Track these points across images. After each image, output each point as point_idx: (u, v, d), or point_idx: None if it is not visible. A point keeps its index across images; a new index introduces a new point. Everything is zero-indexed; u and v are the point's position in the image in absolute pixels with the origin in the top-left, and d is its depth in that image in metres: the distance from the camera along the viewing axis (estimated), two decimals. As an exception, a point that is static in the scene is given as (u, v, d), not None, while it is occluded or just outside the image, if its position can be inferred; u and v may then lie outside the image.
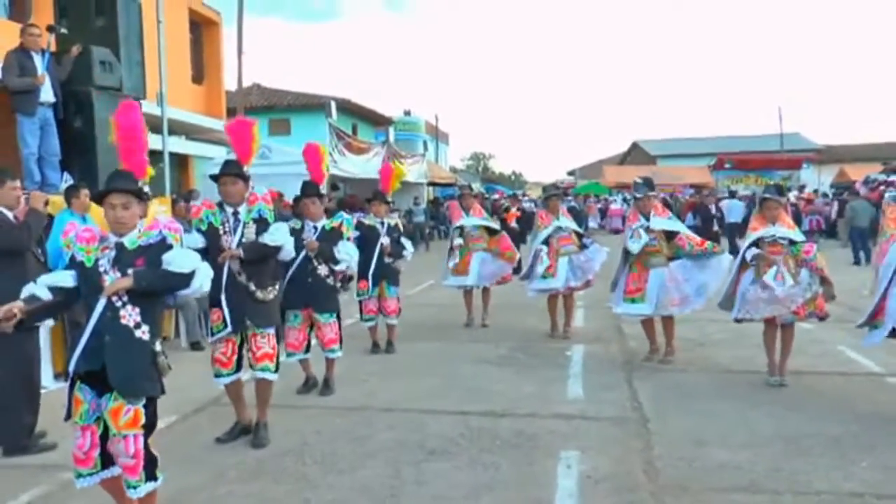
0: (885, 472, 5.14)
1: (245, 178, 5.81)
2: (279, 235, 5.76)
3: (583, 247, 9.91)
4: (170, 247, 4.04)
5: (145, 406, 3.93)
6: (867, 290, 6.91)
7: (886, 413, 6.54)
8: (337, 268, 7.12)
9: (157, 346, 3.98)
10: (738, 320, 7.50)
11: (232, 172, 5.77)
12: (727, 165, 40.18)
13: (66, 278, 3.99)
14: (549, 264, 9.74)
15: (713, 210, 20.39)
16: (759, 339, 7.64)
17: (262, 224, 5.77)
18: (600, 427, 6.21)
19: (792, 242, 7.30)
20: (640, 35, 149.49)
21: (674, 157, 48.82)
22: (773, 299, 7.18)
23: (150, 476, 3.96)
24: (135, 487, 3.93)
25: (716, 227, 18.74)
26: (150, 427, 3.98)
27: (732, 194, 26.95)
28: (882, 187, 24.69)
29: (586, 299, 10.46)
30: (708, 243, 8.57)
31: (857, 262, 18.76)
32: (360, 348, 9.15)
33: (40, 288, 3.96)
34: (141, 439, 3.91)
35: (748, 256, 7.36)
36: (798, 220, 17.43)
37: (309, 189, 7.24)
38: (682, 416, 6.45)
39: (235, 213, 5.77)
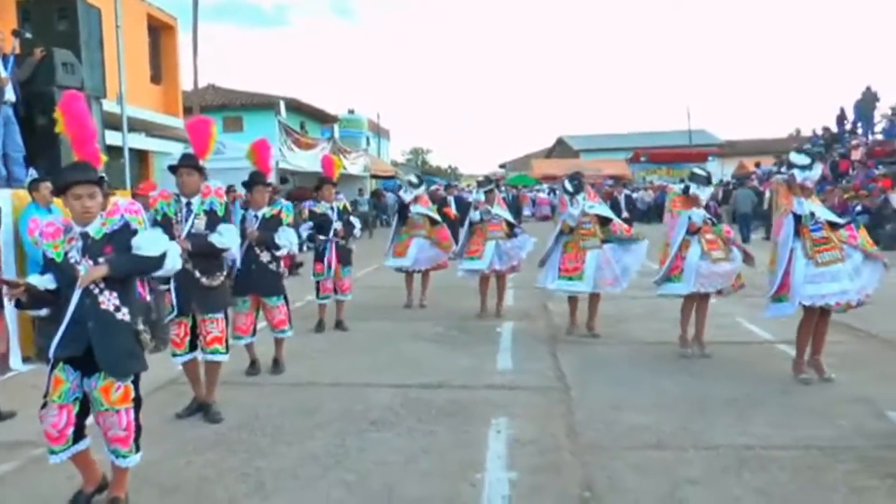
0: (774, 427, 5.35)
1: (201, 171, 5.72)
2: (227, 238, 5.69)
3: (512, 235, 9.95)
4: (135, 231, 3.99)
5: (133, 381, 3.95)
6: (763, 267, 7.08)
7: (777, 376, 6.77)
8: (278, 253, 7.03)
9: (139, 325, 3.95)
10: (690, 294, 7.50)
11: (189, 164, 5.68)
12: (642, 159, 41.00)
13: (48, 281, 3.90)
14: (476, 248, 9.82)
15: (622, 199, 20.76)
16: (671, 314, 7.80)
17: (212, 216, 5.68)
18: (527, 395, 6.29)
19: (714, 223, 7.57)
20: (564, 38, 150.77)
21: (595, 152, 49.31)
22: (722, 273, 7.36)
23: (138, 448, 4.01)
24: (125, 457, 3.96)
25: (625, 214, 19.04)
26: (138, 401, 4.00)
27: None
28: (778, 177, 25.25)
29: (515, 281, 10.55)
30: (633, 230, 8.83)
31: (745, 240, 19.24)
32: (310, 328, 9.12)
33: (41, 280, 3.89)
34: (132, 412, 3.94)
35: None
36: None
37: (257, 177, 7.14)
38: (601, 384, 6.57)
39: (189, 204, 5.68)
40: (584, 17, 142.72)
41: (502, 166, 66.52)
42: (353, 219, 9.40)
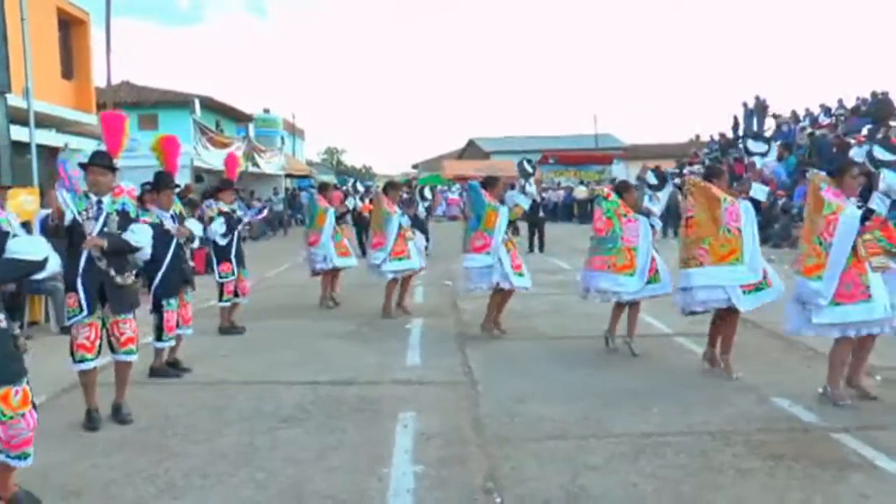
0: (669, 415, 5.52)
1: (113, 170, 5.46)
2: (142, 237, 5.50)
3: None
4: (5, 234, 3.80)
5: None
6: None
7: (673, 367, 6.99)
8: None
9: (15, 330, 3.80)
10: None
11: (102, 163, 5.40)
12: (551, 161, 41.66)
13: None
14: (402, 249, 9.76)
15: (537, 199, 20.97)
16: (575, 309, 7.90)
17: (124, 217, 5.46)
18: (435, 390, 6.31)
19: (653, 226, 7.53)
20: (476, 41, 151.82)
21: (505, 153, 49.59)
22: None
23: None
24: (27, 457, 3.85)
25: (541, 213, 19.29)
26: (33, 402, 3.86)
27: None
28: (676, 179, 26.22)
29: (425, 279, 10.57)
30: None
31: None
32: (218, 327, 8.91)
33: None
34: (35, 413, 3.81)
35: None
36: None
37: (166, 180, 6.90)
38: (507, 378, 6.64)
39: (99, 202, 5.37)
40: (494, 22, 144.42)
41: (415, 166, 66.62)
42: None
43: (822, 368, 6.43)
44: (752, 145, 6.76)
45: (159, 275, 6.65)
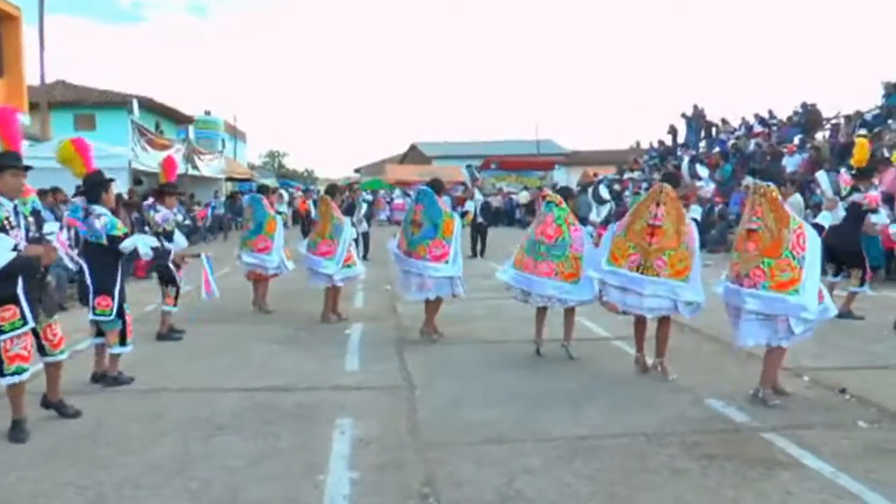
0: (605, 416, 5.61)
1: (27, 170, 5.19)
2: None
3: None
4: None
5: None
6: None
7: (610, 369, 7.10)
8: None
9: None
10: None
11: (18, 164, 5.10)
12: (493, 166, 41.94)
13: None
14: (349, 255, 9.72)
15: (478, 205, 20.92)
16: (513, 313, 7.95)
17: (37, 217, 5.29)
18: (373, 396, 6.28)
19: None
20: (419, 46, 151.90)
21: (447, 158, 49.70)
22: None
23: None
24: None
25: (480, 219, 19.25)
26: None
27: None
28: (616, 185, 26.72)
29: (364, 283, 10.50)
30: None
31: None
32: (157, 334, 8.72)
33: None
34: None
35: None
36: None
37: (105, 182, 6.66)
38: (446, 383, 6.64)
39: (16, 207, 5.13)
40: (437, 28, 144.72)
41: (357, 170, 66.40)
42: (176, 233, 8.73)
43: (754, 370, 6.60)
44: (700, 169, 6.89)
45: (118, 282, 6.47)
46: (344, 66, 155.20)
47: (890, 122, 19.47)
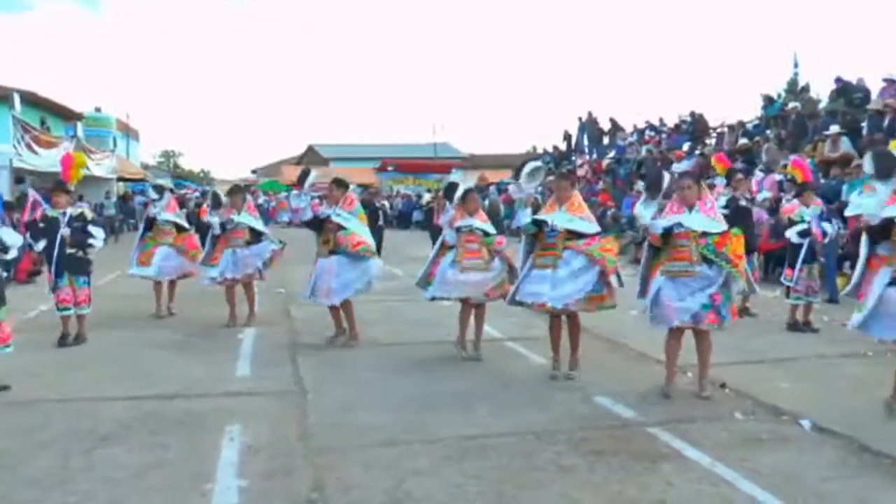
0: (496, 417, 5.68)
1: None
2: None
3: (255, 242, 9.60)
4: None
5: None
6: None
7: (502, 370, 7.19)
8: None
9: None
10: (433, 298, 7.64)
11: None
12: (390, 168, 42.01)
13: None
14: (216, 256, 9.53)
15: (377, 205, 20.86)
16: (408, 315, 7.95)
17: None
18: (264, 401, 6.19)
19: (486, 234, 7.49)
20: (315, 46, 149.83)
21: (344, 160, 49.43)
22: (467, 283, 7.39)
23: None
24: None
25: (381, 221, 19.25)
26: None
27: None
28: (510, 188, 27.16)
29: (258, 286, 10.29)
30: (361, 246, 8.15)
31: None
32: (40, 341, 8.29)
33: None
34: None
35: (450, 239, 7.58)
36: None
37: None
38: (338, 387, 6.60)
39: None
40: (335, 28, 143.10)
41: (254, 171, 65.25)
42: (92, 228, 8.51)
43: (643, 368, 6.87)
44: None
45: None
46: (241, 64, 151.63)
47: (768, 131, 20.46)
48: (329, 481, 4.45)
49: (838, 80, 19.37)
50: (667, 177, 6.71)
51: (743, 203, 9.91)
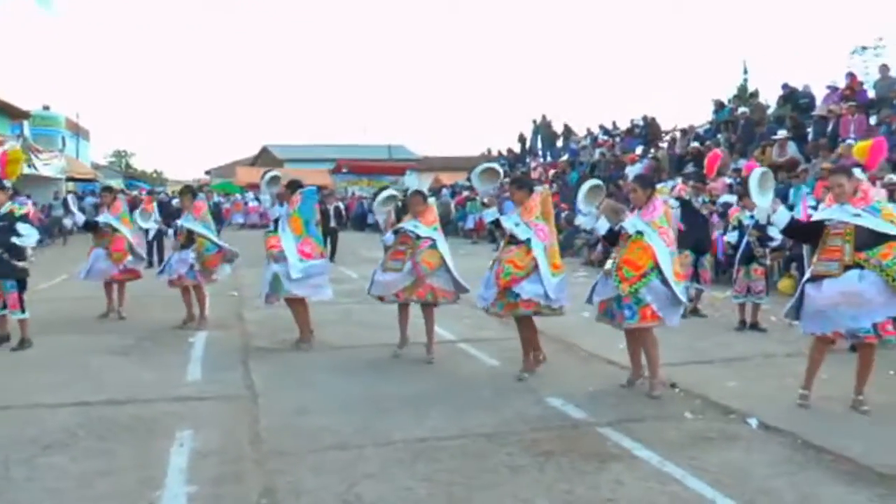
0: (448, 419, 5.67)
1: None
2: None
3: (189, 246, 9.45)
4: None
5: None
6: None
7: (454, 372, 7.21)
8: None
9: None
10: (379, 298, 7.67)
11: None
12: (344, 170, 41.85)
13: None
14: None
15: (332, 209, 20.64)
16: (360, 317, 7.93)
17: None
18: (214, 406, 6.11)
19: (418, 237, 7.49)
20: (270, 47, 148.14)
21: (299, 161, 49.07)
22: (384, 282, 7.48)
23: None
24: None
25: (333, 224, 19.13)
26: None
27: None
28: (466, 192, 27.53)
29: (211, 288, 10.15)
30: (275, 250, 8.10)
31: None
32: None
33: None
34: None
35: (388, 242, 7.65)
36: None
37: None
38: (290, 390, 6.54)
39: None
40: (289, 28, 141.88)
41: (208, 172, 64.44)
42: (21, 226, 8.03)
43: (594, 368, 6.93)
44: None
45: None
46: (195, 63, 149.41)
47: (719, 136, 20.84)
48: (280, 486, 4.41)
49: (785, 86, 19.87)
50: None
51: (697, 205, 10.12)
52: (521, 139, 33.78)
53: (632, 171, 19.99)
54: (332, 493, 4.28)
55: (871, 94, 17.54)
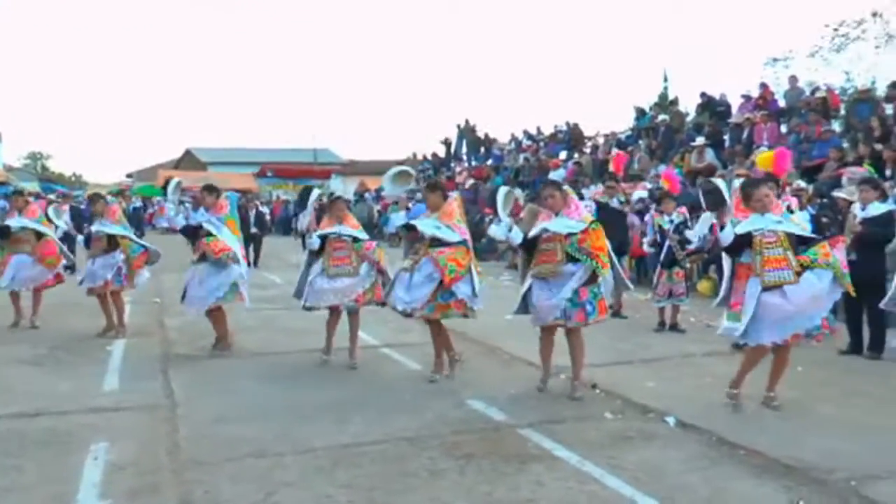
0: (370, 424, 5.66)
1: None
2: None
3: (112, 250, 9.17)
4: None
5: None
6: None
7: (377, 377, 7.20)
8: None
9: None
10: (307, 308, 7.58)
11: None
12: (269, 173, 41.46)
13: None
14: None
15: (254, 214, 20.29)
16: (281, 323, 7.81)
17: None
18: (132, 416, 5.96)
19: (356, 240, 7.48)
20: (192, 48, 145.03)
21: (223, 165, 48.32)
22: (335, 290, 7.38)
23: None
24: None
25: (254, 229, 18.80)
26: None
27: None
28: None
29: (132, 295, 9.90)
30: (224, 252, 7.90)
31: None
32: None
33: None
34: None
35: (315, 246, 7.52)
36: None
37: None
38: (210, 398, 6.43)
39: None
40: (210, 30, 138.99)
41: (129, 176, 62.85)
42: None
43: (516, 371, 7.00)
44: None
45: None
46: (116, 63, 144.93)
47: (640, 142, 21.34)
48: (196, 496, 4.34)
49: (703, 94, 20.48)
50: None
51: (615, 206, 10.38)
52: (447, 143, 33.93)
53: (555, 175, 20.30)
54: (249, 502, 4.24)
55: (782, 103, 18.27)
